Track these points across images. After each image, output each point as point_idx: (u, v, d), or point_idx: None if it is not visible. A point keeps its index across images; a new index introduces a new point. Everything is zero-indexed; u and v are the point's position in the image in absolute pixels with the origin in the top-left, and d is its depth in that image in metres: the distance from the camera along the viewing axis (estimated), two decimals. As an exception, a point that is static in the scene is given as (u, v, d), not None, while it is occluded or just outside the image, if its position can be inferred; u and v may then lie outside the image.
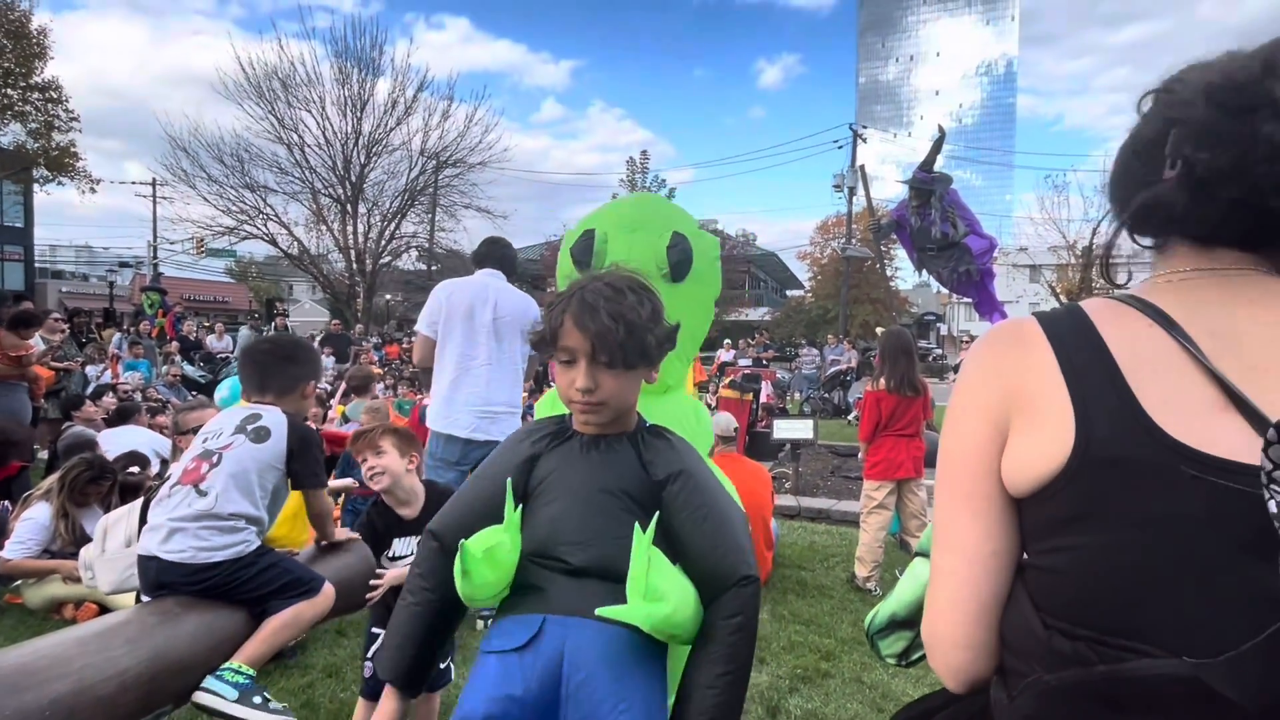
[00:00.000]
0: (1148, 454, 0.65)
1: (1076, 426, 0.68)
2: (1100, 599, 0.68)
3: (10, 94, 20.31)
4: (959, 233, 7.24)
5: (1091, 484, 0.67)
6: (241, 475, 1.81)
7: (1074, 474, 0.68)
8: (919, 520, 4.23)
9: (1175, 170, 0.71)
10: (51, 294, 32.43)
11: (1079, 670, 0.67)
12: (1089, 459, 0.67)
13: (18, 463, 4.80)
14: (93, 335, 12.98)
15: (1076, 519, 0.69)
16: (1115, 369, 0.69)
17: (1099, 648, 0.67)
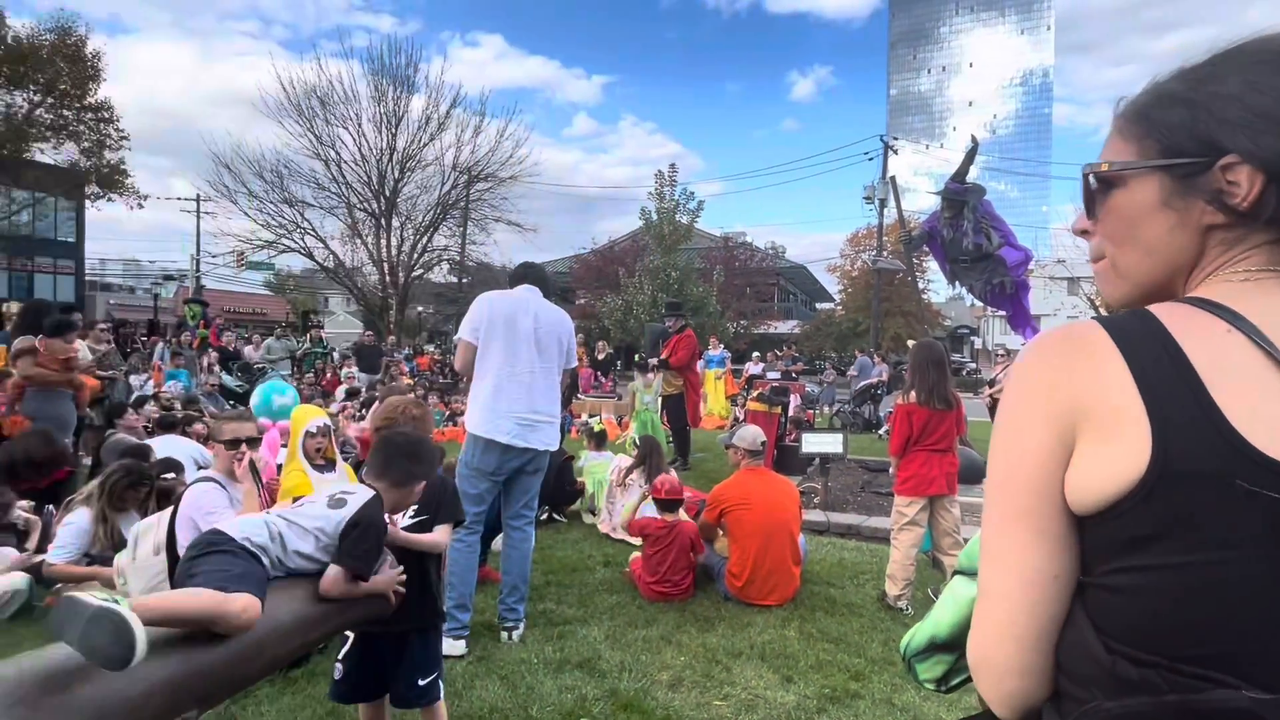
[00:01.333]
0: (1233, 470, 0.61)
1: (1153, 440, 0.64)
2: (1174, 624, 0.64)
3: (66, 114, 21.18)
4: (993, 244, 7.10)
5: (1170, 502, 0.63)
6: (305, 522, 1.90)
7: (1150, 491, 0.64)
8: (952, 538, 4.12)
9: None
10: (100, 306, 33.57)
11: (1147, 699, 0.63)
12: (1167, 475, 0.63)
13: (64, 469, 4.96)
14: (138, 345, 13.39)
15: (1151, 539, 0.64)
16: (1195, 378, 0.65)
17: (1171, 675, 0.63)
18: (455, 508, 2.46)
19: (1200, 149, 0.72)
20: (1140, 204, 0.76)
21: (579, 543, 5.25)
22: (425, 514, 2.35)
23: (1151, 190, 0.75)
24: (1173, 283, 0.78)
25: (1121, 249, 0.79)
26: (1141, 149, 0.77)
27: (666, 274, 25.68)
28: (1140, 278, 0.79)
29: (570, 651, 3.34)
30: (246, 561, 1.72)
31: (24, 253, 28.34)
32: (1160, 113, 0.76)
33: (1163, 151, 0.75)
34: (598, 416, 11.28)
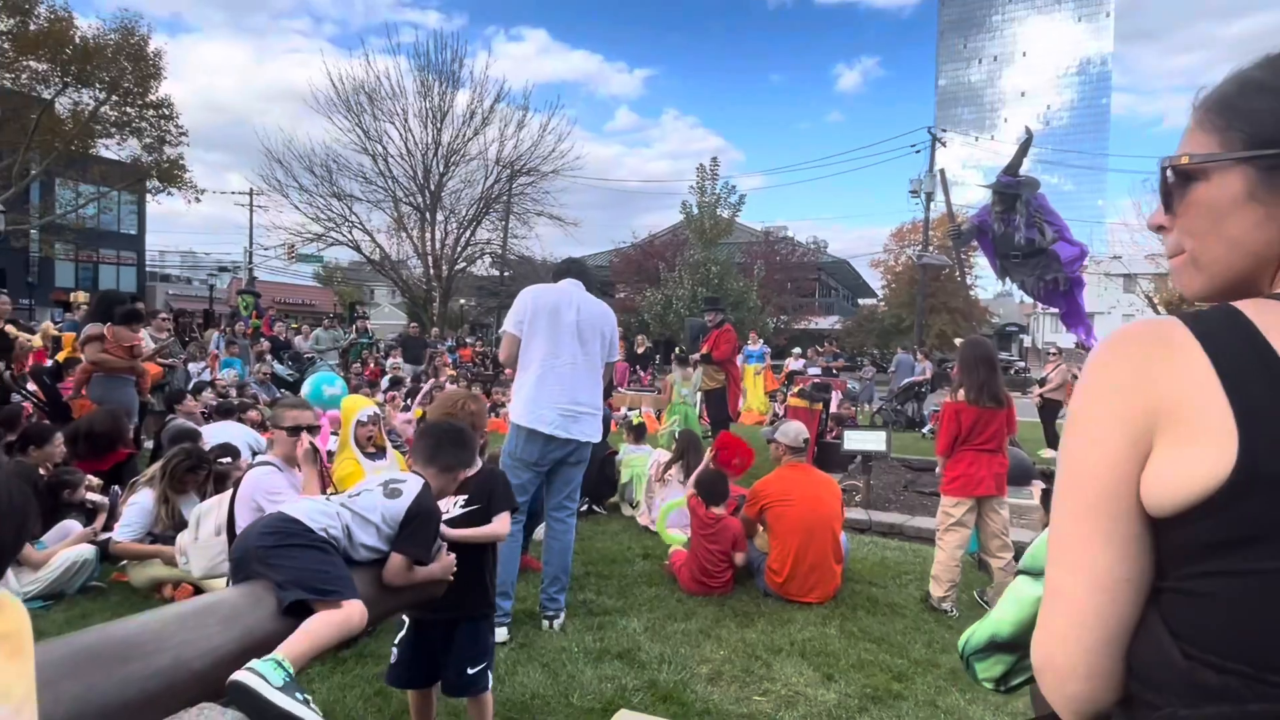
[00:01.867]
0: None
1: (1240, 441, 0.62)
2: (1261, 632, 0.61)
3: (129, 111, 22.07)
4: (1046, 239, 6.88)
5: (1258, 505, 0.61)
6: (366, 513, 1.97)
7: (1236, 494, 0.62)
8: (1000, 540, 4.02)
9: None
10: (159, 296, 34.98)
11: (1229, 708, 0.61)
12: (1256, 478, 0.61)
13: (125, 450, 5.19)
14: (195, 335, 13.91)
15: (1238, 543, 0.62)
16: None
17: (1256, 684, 0.60)
18: (509, 496, 2.49)
19: (1259, 141, 0.70)
20: (1224, 197, 0.73)
21: (618, 534, 5.28)
22: (478, 503, 2.38)
23: (1236, 183, 0.72)
24: (1257, 278, 0.74)
25: (1204, 243, 0.76)
26: (1224, 140, 0.74)
27: (706, 268, 25.55)
28: (1223, 272, 0.76)
29: (610, 642, 3.37)
30: (337, 557, 1.81)
31: (90, 244, 29.67)
32: (1245, 102, 0.73)
33: (1248, 142, 0.72)
34: (637, 410, 11.31)
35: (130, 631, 1.42)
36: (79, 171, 23.38)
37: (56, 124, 21.10)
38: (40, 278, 27.79)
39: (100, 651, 1.34)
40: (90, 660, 1.30)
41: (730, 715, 2.77)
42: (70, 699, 1.24)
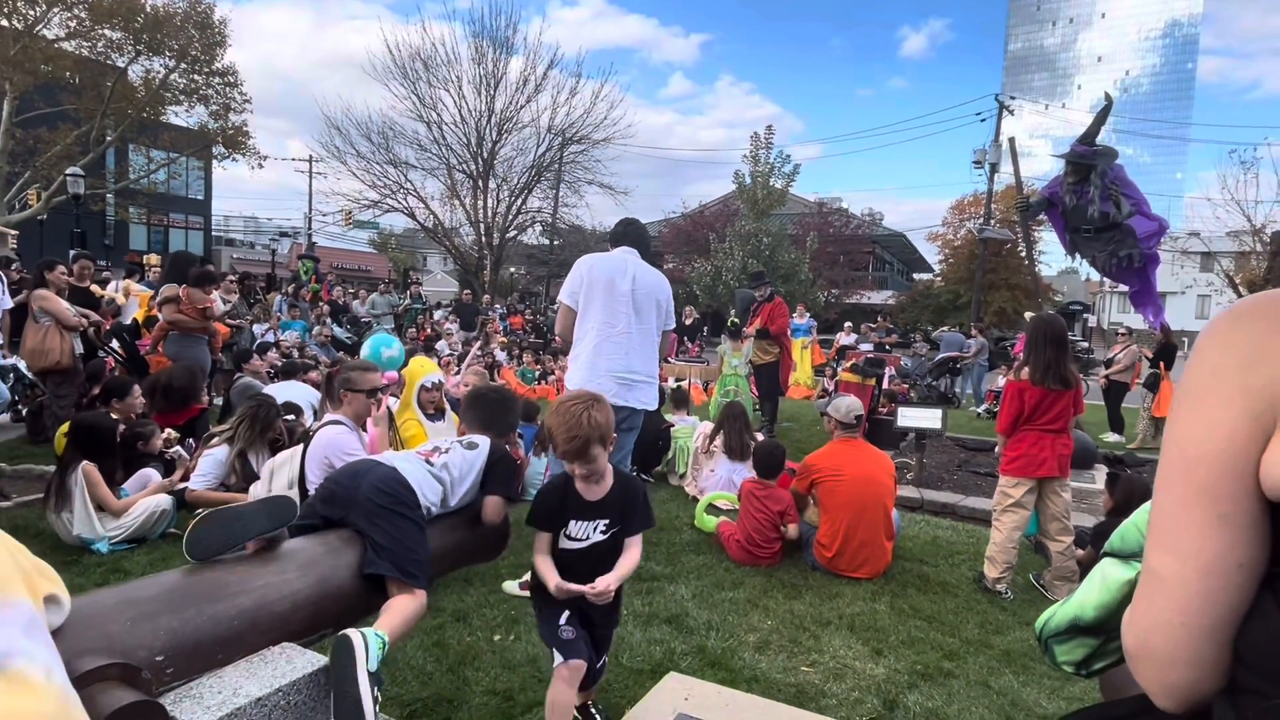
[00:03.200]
0: None
1: None
2: None
3: (197, 79, 22.77)
4: (1122, 213, 6.53)
5: None
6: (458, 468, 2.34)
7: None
8: (1060, 523, 3.91)
9: None
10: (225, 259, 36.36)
11: None
12: None
13: (199, 405, 5.46)
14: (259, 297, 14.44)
15: None
16: None
17: None
18: (648, 514, 2.31)
19: None
20: None
21: (666, 503, 5.33)
22: (617, 525, 2.23)
23: None
24: None
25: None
26: None
27: (758, 239, 25.18)
28: None
29: (658, 607, 3.42)
30: (426, 538, 2.05)
31: (161, 209, 30.93)
32: None
33: None
34: (685, 380, 11.31)
35: (217, 572, 1.51)
36: (150, 138, 24.29)
37: (130, 91, 21.92)
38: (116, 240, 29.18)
39: (192, 590, 1.42)
40: (183, 597, 1.39)
41: (778, 684, 2.79)
42: (167, 632, 1.33)
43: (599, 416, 2.07)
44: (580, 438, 2.04)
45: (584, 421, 2.03)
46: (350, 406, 3.37)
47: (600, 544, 2.18)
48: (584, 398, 2.10)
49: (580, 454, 2.06)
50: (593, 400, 2.10)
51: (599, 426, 2.06)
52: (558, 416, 2.06)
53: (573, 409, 2.04)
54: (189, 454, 4.76)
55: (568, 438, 2.04)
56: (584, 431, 2.04)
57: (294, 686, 1.42)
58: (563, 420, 2.04)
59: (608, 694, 2.62)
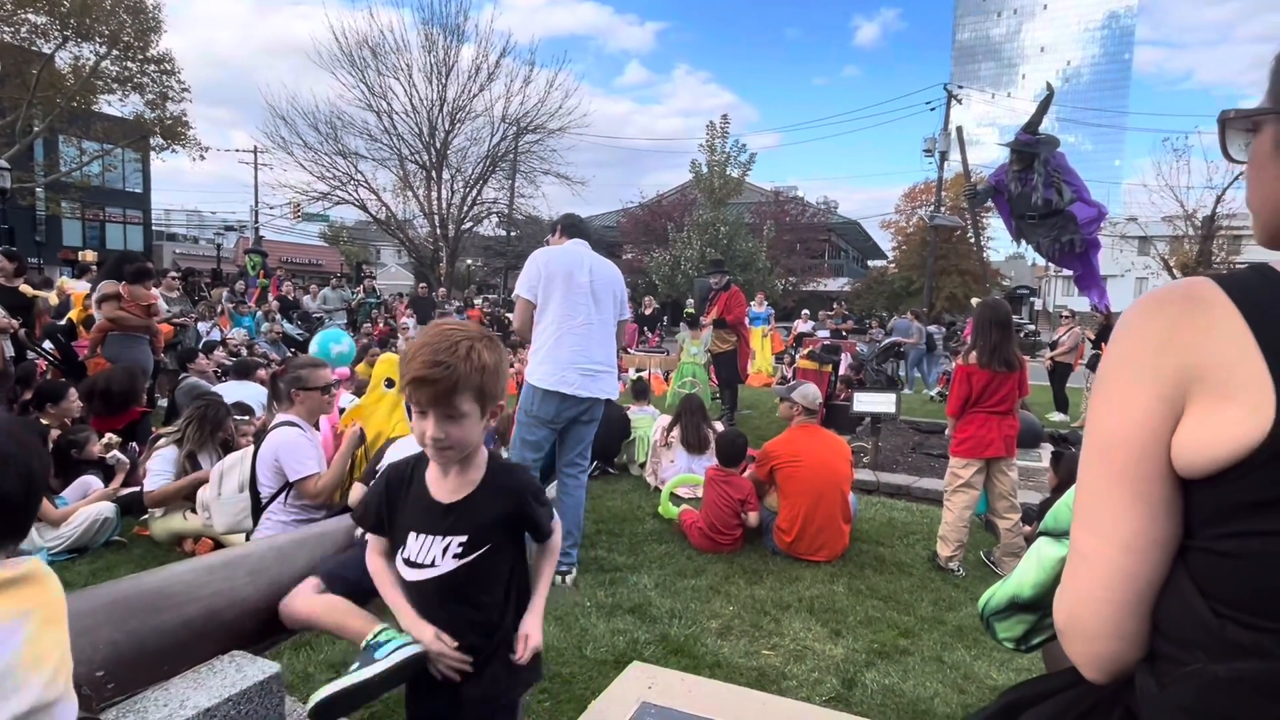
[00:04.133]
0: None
1: (1278, 403, 0.62)
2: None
3: (130, 66, 21.75)
4: (1064, 199, 6.77)
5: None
6: None
7: (1272, 455, 0.62)
8: (1008, 501, 4.05)
9: None
10: (166, 255, 34.97)
11: (1258, 663, 0.62)
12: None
13: (139, 409, 5.25)
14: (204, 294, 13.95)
15: (1272, 504, 0.63)
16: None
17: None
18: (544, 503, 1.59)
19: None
20: (1261, 150, 0.75)
21: (629, 493, 5.35)
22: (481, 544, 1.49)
23: (1268, 137, 0.74)
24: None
25: (1250, 193, 0.79)
26: (1269, 98, 0.75)
27: (715, 229, 25.31)
28: (1265, 223, 0.78)
29: (622, 597, 3.44)
30: None
31: (96, 203, 29.56)
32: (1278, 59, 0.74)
33: (1272, 99, 0.73)
34: (644, 371, 11.34)
35: (162, 582, 1.46)
36: (82, 128, 23.17)
37: (58, 79, 20.84)
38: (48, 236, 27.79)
39: (134, 601, 1.37)
40: (125, 609, 1.34)
41: (740, 668, 2.83)
42: (107, 645, 1.29)
43: (487, 357, 1.37)
44: (446, 367, 1.31)
45: (461, 350, 1.34)
46: (303, 405, 3.29)
47: (455, 575, 1.41)
48: (474, 330, 1.42)
49: (440, 399, 1.32)
50: (484, 336, 1.42)
51: (482, 369, 1.35)
52: (424, 335, 1.39)
53: (450, 333, 1.37)
54: (131, 459, 4.58)
55: (428, 362, 1.31)
56: (455, 362, 1.32)
57: (244, 696, 1.38)
58: (429, 341, 1.35)
59: (571, 686, 2.63)
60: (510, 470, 1.56)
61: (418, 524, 1.43)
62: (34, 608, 1.00)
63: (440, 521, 1.43)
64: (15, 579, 1.00)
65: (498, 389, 1.43)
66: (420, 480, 1.47)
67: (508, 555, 1.49)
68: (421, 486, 1.46)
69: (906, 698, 2.66)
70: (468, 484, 1.45)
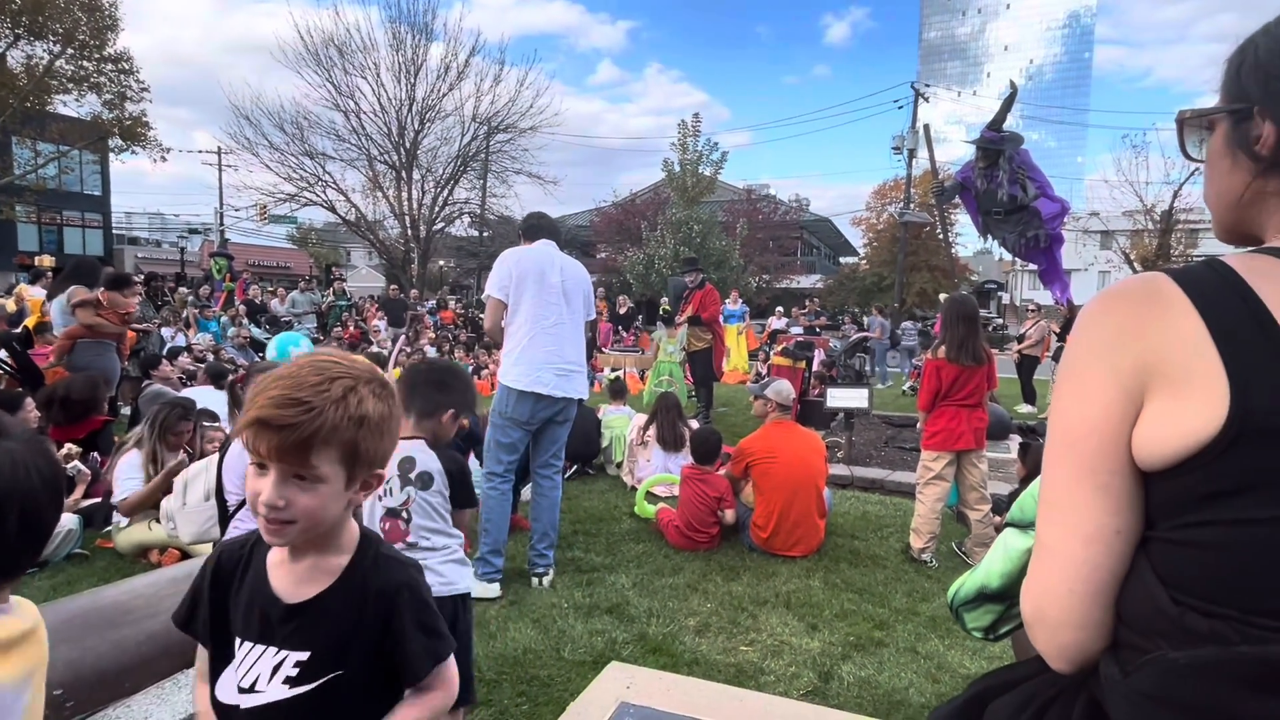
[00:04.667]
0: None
1: (1231, 394, 0.63)
2: (1249, 578, 0.63)
3: (86, 66, 21.13)
4: (1029, 195, 6.89)
5: (1249, 457, 0.63)
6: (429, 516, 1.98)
7: (1228, 447, 0.63)
8: (978, 493, 4.12)
9: None
10: (128, 259, 34.08)
11: (1216, 649, 0.63)
12: (1247, 431, 0.62)
13: (101, 417, 5.11)
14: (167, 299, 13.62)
15: (1228, 494, 0.64)
16: (1276, 331, 0.64)
17: (1243, 628, 0.63)
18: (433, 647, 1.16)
19: (1241, 96, 0.74)
20: (1215, 147, 0.78)
21: (605, 493, 5.34)
22: (331, 668, 1.07)
23: (1220, 134, 0.77)
24: (1249, 226, 0.77)
25: (1205, 187, 0.81)
26: (1222, 96, 0.78)
27: (689, 227, 25.36)
28: (1219, 219, 0.80)
29: (599, 597, 3.43)
30: None
31: (52, 206, 28.69)
32: (1230, 60, 0.77)
33: (1224, 98, 0.76)
34: (620, 370, 11.33)
35: (122, 596, 1.41)
36: (36, 130, 22.43)
37: (10, 79, 20.15)
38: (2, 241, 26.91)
39: (92, 617, 1.33)
40: (82, 625, 1.30)
41: (718, 665, 2.84)
42: (64, 663, 1.24)
43: (370, 407, 1.00)
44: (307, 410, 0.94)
45: (334, 391, 0.97)
46: None
47: (288, 711, 1.00)
48: (362, 368, 1.03)
49: (288, 452, 0.95)
50: (374, 380, 1.03)
51: (360, 421, 0.98)
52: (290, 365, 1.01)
53: (325, 366, 0.99)
54: (93, 469, 4.46)
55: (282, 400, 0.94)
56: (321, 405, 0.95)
57: (212, 710, 1.35)
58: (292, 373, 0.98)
59: (549, 689, 2.62)
60: (391, 565, 1.07)
61: (247, 628, 1.02)
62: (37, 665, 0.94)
63: (276, 628, 1.01)
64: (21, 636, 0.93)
65: (378, 453, 1.02)
66: (260, 564, 1.05)
67: (372, 695, 1.04)
68: (260, 574, 1.04)
69: (882, 689, 2.69)
70: (322, 576, 1.03)
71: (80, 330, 5.53)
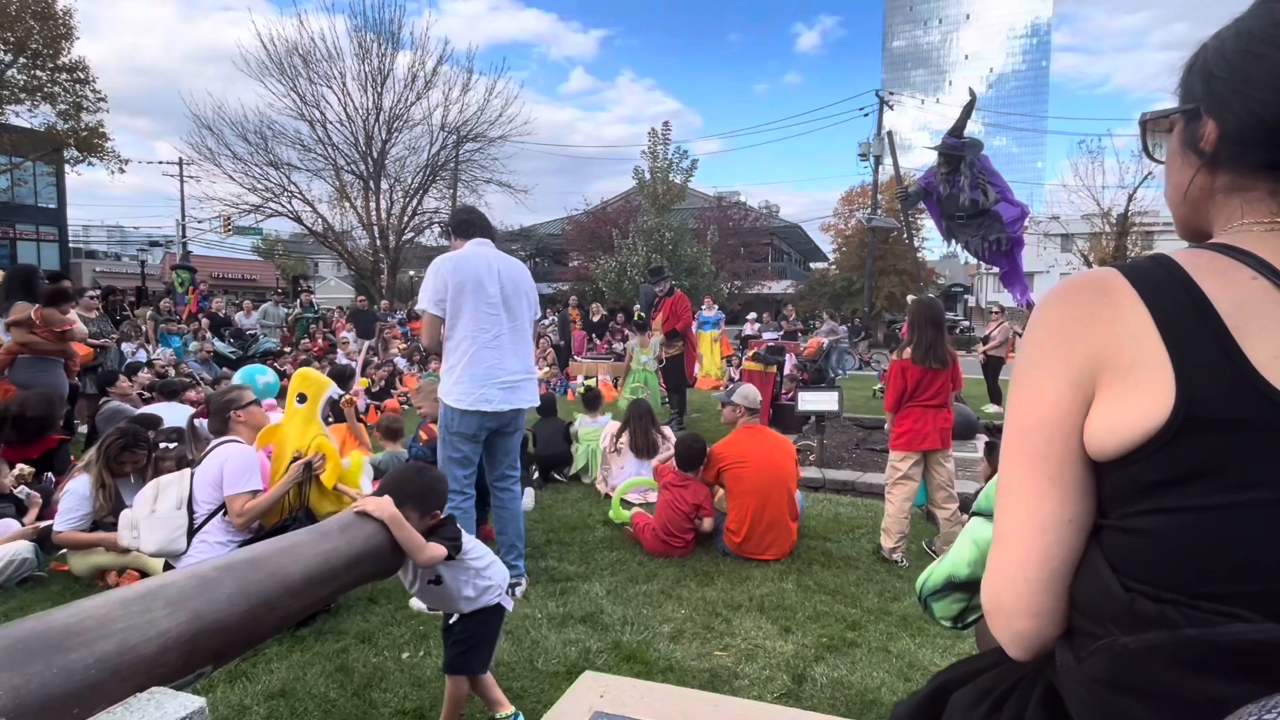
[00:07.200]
0: (1258, 414, 0.62)
1: (1177, 386, 0.65)
2: (1195, 563, 0.65)
3: (40, 75, 20.58)
4: (989, 200, 7.05)
5: (1194, 446, 0.64)
6: None
7: (1174, 436, 0.65)
8: (946, 491, 4.18)
9: None
10: (86, 273, 33.09)
11: (1164, 633, 0.64)
12: (1192, 420, 0.64)
13: (56, 436, 4.95)
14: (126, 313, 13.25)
15: (1174, 482, 0.66)
16: (1219, 323, 0.65)
17: (1189, 611, 0.64)
18: None
19: (1191, 97, 0.77)
20: (1171, 147, 0.81)
21: (579, 502, 5.31)
22: None
23: (1175, 134, 0.80)
24: (1202, 222, 0.80)
25: (1165, 184, 0.84)
26: (1179, 98, 0.80)
27: (660, 234, 25.44)
28: (1174, 215, 0.83)
29: (573, 607, 3.41)
30: None
31: (4, 219, 27.82)
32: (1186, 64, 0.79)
33: (1180, 100, 0.79)
34: (594, 378, 11.30)
35: (70, 619, 1.36)
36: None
37: (-42, 89, 19.58)
38: (-48, 256, 26.01)
39: (36, 641, 1.28)
40: (25, 651, 1.25)
41: (692, 671, 2.84)
42: (8, 690, 1.19)
43: None
44: None
45: None
46: (245, 425, 3.36)
47: None
48: None
49: None
50: None
51: None
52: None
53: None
54: (48, 490, 4.31)
55: None
56: None
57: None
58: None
59: (522, 701, 2.59)
60: None
61: None
62: None
63: None
64: None
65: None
66: None
67: None
68: None
69: (855, 689, 2.71)
70: None
71: (16, 347, 5.35)
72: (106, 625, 1.35)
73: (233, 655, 1.60)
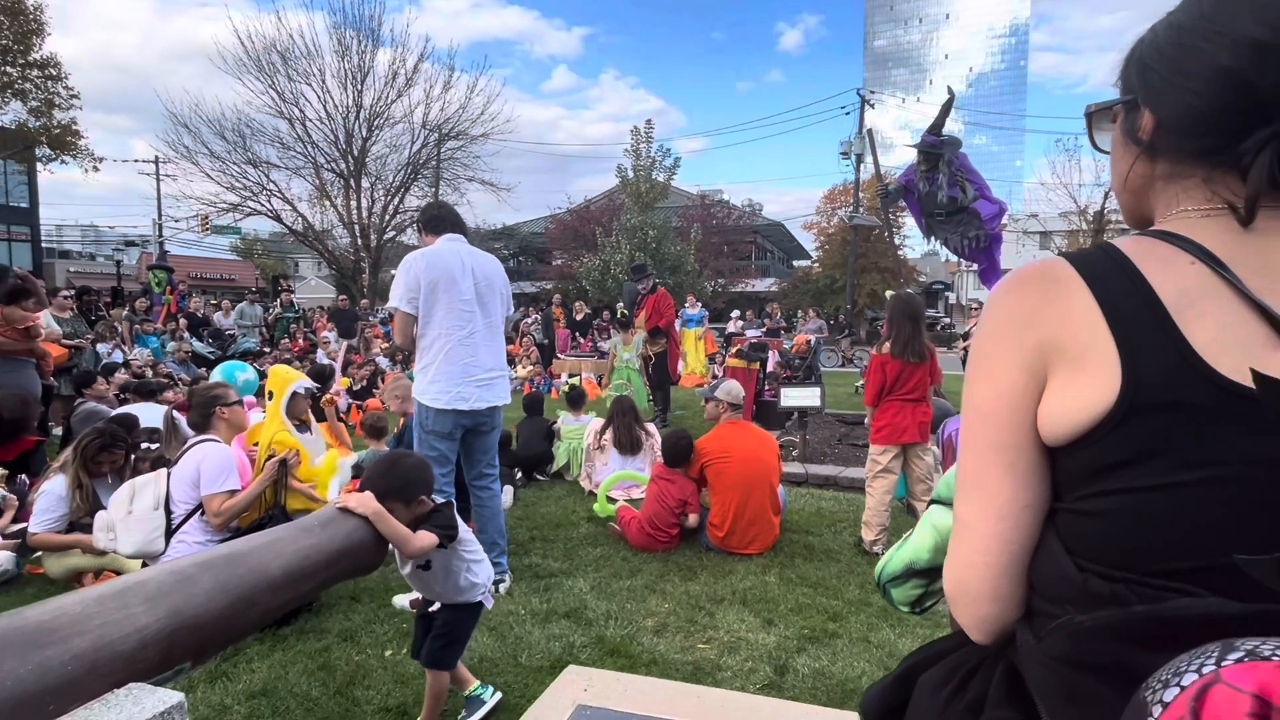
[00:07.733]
0: (1199, 396, 0.64)
1: (1123, 370, 0.66)
2: (1144, 542, 0.67)
3: (10, 72, 20.18)
4: (968, 197, 7.13)
5: (1140, 429, 0.66)
6: None
7: (1121, 419, 0.66)
8: (925, 484, 4.24)
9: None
10: (60, 273, 32.51)
11: (1116, 611, 0.66)
12: (1138, 404, 0.66)
13: (32, 438, 4.87)
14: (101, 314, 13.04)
15: (1122, 464, 0.67)
16: (1161, 309, 0.67)
17: (1139, 589, 0.66)
18: None
19: (1130, 88, 0.78)
20: (1115, 138, 0.83)
21: (562, 499, 5.31)
22: None
23: (1119, 124, 0.81)
24: (1145, 210, 0.82)
25: (1111, 176, 0.85)
26: (1120, 89, 0.82)
27: (644, 233, 25.46)
28: (1120, 203, 0.85)
29: (557, 603, 3.41)
30: None
31: (-26, 219, 27.26)
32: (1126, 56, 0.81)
33: (1121, 91, 0.81)
34: (578, 376, 11.29)
35: (44, 616, 1.35)
36: (-44, 138, 21.35)
37: (-75, 86, 19.15)
38: (-80, 256, 25.44)
39: (12, 637, 1.27)
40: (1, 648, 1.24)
41: (676, 664, 2.86)
42: (-18, 689, 1.18)
43: None
44: None
45: None
46: (227, 423, 3.34)
47: None
48: None
49: None
50: None
51: None
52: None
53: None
54: (22, 491, 4.24)
55: None
56: None
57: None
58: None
59: (507, 695, 2.59)
60: None
61: None
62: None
63: None
64: None
65: None
66: None
67: None
68: None
69: (836, 679, 2.75)
70: None
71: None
72: (83, 621, 1.34)
73: (213, 651, 1.59)
